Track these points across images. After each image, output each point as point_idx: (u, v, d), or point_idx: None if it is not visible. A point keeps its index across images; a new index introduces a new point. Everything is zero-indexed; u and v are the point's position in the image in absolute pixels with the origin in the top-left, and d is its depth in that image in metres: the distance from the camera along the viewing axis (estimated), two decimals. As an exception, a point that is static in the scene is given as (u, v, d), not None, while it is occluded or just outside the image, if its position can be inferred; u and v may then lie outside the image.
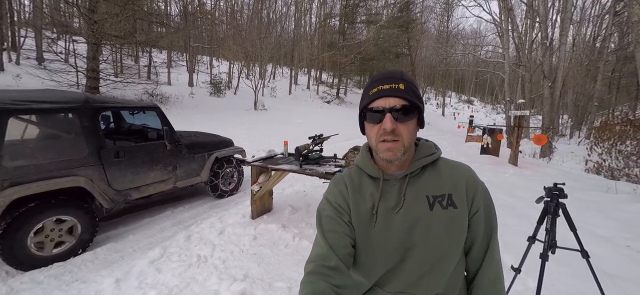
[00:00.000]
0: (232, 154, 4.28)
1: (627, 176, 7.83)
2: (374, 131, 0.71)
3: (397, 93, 0.68)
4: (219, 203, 3.97)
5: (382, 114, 0.68)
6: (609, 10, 15.86)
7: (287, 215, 3.46)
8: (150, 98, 11.99)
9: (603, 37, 17.63)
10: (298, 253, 2.66)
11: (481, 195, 0.73)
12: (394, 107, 0.67)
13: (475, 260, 0.75)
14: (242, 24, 21.03)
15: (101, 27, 9.08)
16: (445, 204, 0.70)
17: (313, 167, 2.94)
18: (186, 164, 3.61)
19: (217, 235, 2.92)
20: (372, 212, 0.74)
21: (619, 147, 10.11)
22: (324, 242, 0.71)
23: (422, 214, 0.70)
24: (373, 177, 0.77)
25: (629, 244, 3.09)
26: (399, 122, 0.68)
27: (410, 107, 0.68)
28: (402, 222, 0.71)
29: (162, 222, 3.31)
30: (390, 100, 0.68)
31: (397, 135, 0.68)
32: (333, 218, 0.75)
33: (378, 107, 0.69)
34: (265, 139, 9.00)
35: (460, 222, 0.70)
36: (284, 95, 19.63)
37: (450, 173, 0.74)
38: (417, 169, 0.74)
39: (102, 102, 3.00)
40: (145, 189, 3.20)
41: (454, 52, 28.76)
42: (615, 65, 18.18)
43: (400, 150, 0.69)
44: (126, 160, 3.00)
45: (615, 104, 18.95)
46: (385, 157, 0.70)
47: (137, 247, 2.76)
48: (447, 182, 0.73)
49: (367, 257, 0.74)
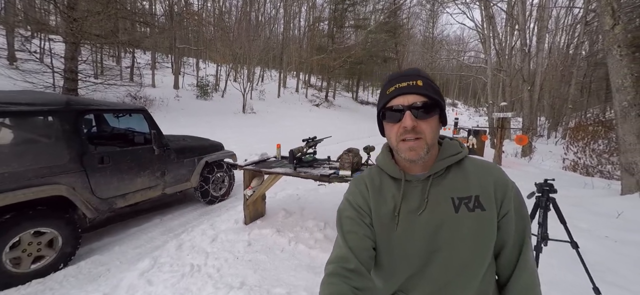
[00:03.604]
0: (223, 158, 4.17)
1: (600, 173, 8.25)
2: (393, 130, 0.69)
3: (416, 90, 0.66)
4: (210, 209, 3.85)
5: (402, 112, 0.66)
6: (581, 20, 16.75)
7: (281, 219, 3.39)
8: (133, 100, 11.57)
9: (575, 45, 18.64)
10: (294, 258, 2.61)
11: (512, 196, 0.69)
12: (414, 104, 0.65)
13: (507, 265, 0.70)
14: (230, 25, 20.76)
15: (81, 25, 8.68)
16: (472, 206, 0.67)
17: (307, 169, 2.90)
18: (175, 169, 3.48)
19: (210, 242, 2.82)
20: (394, 214, 0.71)
21: (592, 146, 10.68)
22: (344, 244, 0.69)
23: (447, 216, 0.67)
24: (394, 178, 0.75)
25: (607, 235, 3.23)
26: (420, 120, 0.65)
27: (430, 103, 0.66)
28: (426, 224, 0.68)
29: (150, 231, 3.17)
30: (409, 97, 0.66)
31: (419, 133, 0.66)
32: (353, 219, 0.73)
33: (397, 106, 0.67)
34: (254, 142, 8.86)
35: (489, 225, 0.66)
36: (273, 98, 19.47)
37: (478, 173, 0.70)
38: (441, 169, 0.71)
39: (85, 104, 2.85)
40: (131, 197, 3.05)
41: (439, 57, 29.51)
42: (587, 70, 19.23)
43: (423, 148, 0.66)
44: (111, 166, 2.85)
45: (587, 106, 20.03)
46: (407, 157, 0.67)
47: (125, 259, 2.62)
48: (474, 183, 0.69)
49: (389, 261, 0.71)
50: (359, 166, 2.89)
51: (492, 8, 14.73)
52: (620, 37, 4.20)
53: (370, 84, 32.72)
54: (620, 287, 2.24)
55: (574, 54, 18.80)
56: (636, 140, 4.17)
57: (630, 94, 4.18)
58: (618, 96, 4.29)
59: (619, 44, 4.19)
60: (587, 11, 15.21)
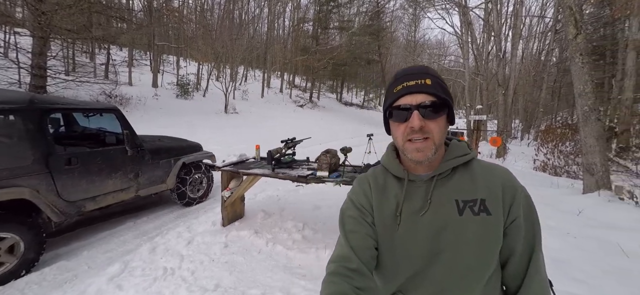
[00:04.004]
0: (201, 159, 4.09)
1: (567, 173, 8.76)
2: (400, 130, 0.67)
3: (424, 89, 0.64)
4: (186, 211, 3.77)
5: (409, 111, 0.64)
6: (551, 28, 17.74)
7: (260, 220, 3.38)
8: (108, 99, 11.09)
9: (546, 52, 19.73)
10: (271, 258, 2.61)
11: (521, 201, 0.65)
12: (422, 103, 0.63)
13: (515, 275, 0.66)
14: (212, 23, 20.33)
15: (50, 19, 8.22)
16: (477, 209, 0.64)
17: (286, 170, 2.91)
18: (150, 170, 3.38)
19: (186, 245, 2.76)
20: (396, 214, 0.70)
21: (560, 148, 11.34)
22: (345, 243, 0.69)
23: (451, 219, 0.65)
24: (398, 178, 0.74)
25: (569, 232, 3.45)
26: (428, 120, 0.64)
27: (439, 103, 0.64)
28: (428, 226, 0.66)
29: (122, 235, 3.06)
30: (417, 96, 0.64)
31: (427, 133, 0.64)
32: (356, 219, 0.72)
33: (405, 105, 0.64)
34: (236, 143, 8.74)
35: (494, 230, 0.63)
36: (257, 98, 19.25)
37: (485, 176, 0.68)
38: (446, 170, 0.69)
39: (51, 103, 2.72)
40: (102, 199, 2.93)
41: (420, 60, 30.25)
42: (557, 76, 20.37)
43: (431, 149, 0.64)
44: (80, 168, 2.73)
45: (557, 110, 21.23)
46: (414, 157, 0.66)
47: (94, 264, 2.52)
48: (481, 186, 0.66)
49: (391, 261, 0.70)
50: (336, 167, 2.93)
51: (470, 14, 15.30)
52: (582, 45, 4.43)
53: (354, 86, 33.06)
54: (578, 281, 2.40)
55: (545, 61, 19.91)
56: (596, 142, 4.40)
57: (590, 99, 4.42)
58: (580, 101, 4.51)
59: (581, 52, 4.42)
60: (557, 20, 16.13)
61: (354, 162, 3.17)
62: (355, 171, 2.90)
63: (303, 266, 2.49)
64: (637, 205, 3.73)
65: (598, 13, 14.06)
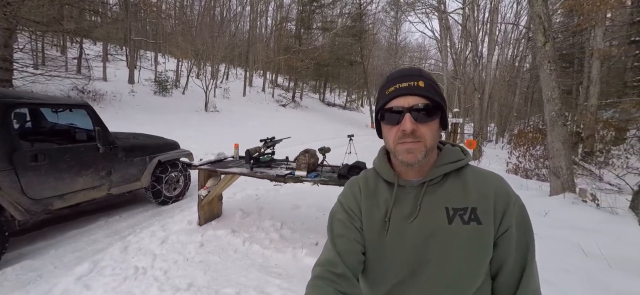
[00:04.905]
0: (178, 158, 4.02)
1: (537, 176, 9.24)
2: (392, 133, 0.65)
3: (417, 91, 0.62)
4: (162, 210, 3.69)
5: (401, 114, 0.63)
6: (525, 36, 18.68)
7: (238, 220, 3.37)
8: (80, 95, 10.58)
9: (520, 58, 20.71)
10: (248, 258, 2.62)
11: (513, 211, 0.63)
12: (414, 106, 0.62)
13: (506, 288, 0.63)
14: (192, 20, 19.84)
15: (16, 10, 7.75)
16: (467, 218, 0.62)
17: (264, 170, 2.93)
18: (123, 168, 3.30)
19: (159, 244, 2.72)
20: (385, 220, 0.68)
21: (531, 152, 11.96)
22: (332, 248, 0.68)
23: (439, 226, 0.63)
24: (388, 182, 0.72)
25: (536, 232, 3.68)
26: (420, 123, 0.62)
27: (432, 106, 0.63)
28: (417, 233, 0.65)
29: (93, 234, 2.96)
30: (409, 99, 0.63)
31: (419, 137, 0.62)
32: (344, 223, 0.71)
33: (397, 107, 0.63)
34: (216, 142, 8.60)
35: (484, 240, 0.61)
36: (238, 97, 18.98)
37: (478, 183, 0.65)
38: (437, 176, 0.67)
39: (15, 97, 2.60)
40: (71, 197, 2.83)
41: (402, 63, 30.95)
42: (530, 82, 21.44)
43: (422, 151, 0.63)
44: (47, 165, 2.63)
45: (529, 114, 22.34)
46: (404, 159, 0.64)
47: (61, 263, 2.43)
48: (473, 194, 0.64)
49: (378, 267, 0.69)
50: (315, 167, 2.98)
51: (449, 19, 15.85)
52: (550, 53, 4.63)
53: (337, 87, 33.31)
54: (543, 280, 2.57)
55: (519, 67, 20.90)
56: (562, 146, 4.59)
57: (557, 104, 4.62)
58: (548, 106, 4.70)
59: (549, 59, 4.61)
60: (529, 28, 17.03)
61: (334, 163, 3.24)
62: (333, 171, 2.97)
63: (279, 265, 2.52)
64: (598, 208, 3.89)
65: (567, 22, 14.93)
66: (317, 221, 3.52)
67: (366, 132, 18.06)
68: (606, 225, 3.38)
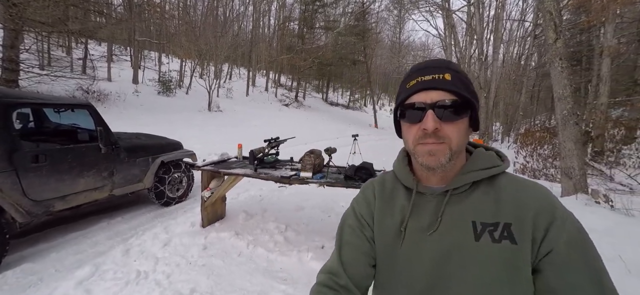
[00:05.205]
0: (181, 158, 3.97)
1: (545, 176, 9.07)
2: (411, 132, 0.58)
3: (442, 85, 0.55)
4: (164, 211, 3.64)
5: (423, 111, 0.55)
6: (531, 34, 18.43)
7: (242, 221, 3.31)
8: (85, 95, 10.63)
9: (526, 56, 20.46)
10: (252, 261, 2.56)
11: (560, 230, 0.51)
12: (439, 102, 0.54)
13: None
14: (195, 20, 19.88)
15: (22, 11, 7.78)
16: (498, 235, 0.52)
17: (268, 171, 2.86)
18: (125, 169, 3.25)
19: (162, 247, 2.67)
20: (400, 229, 0.61)
21: (539, 151, 11.77)
22: (337, 257, 0.65)
23: (463, 243, 0.54)
24: (408, 188, 0.65)
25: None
26: (445, 122, 0.55)
27: (460, 103, 0.55)
28: (436, 247, 0.57)
29: (95, 236, 2.91)
30: (433, 94, 0.55)
31: (442, 138, 0.55)
32: (354, 230, 0.67)
33: (418, 103, 0.56)
34: (220, 142, 8.57)
35: (517, 262, 0.51)
36: (241, 96, 18.97)
37: (515, 195, 0.55)
38: (463, 184, 0.58)
39: (16, 97, 2.57)
40: (73, 199, 2.79)
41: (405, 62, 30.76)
42: (536, 80, 21.17)
43: (445, 154, 0.55)
44: (48, 166, 2.58)
45: (536, 113, 22.06)
46: (425, 162, 0.56)
47: (62, 267, 2.38)
48: (508, 207, 0.54)
49: (389, 281, 0.63)
50: (320, 168, 2.91)
51: (453, 17, 15.68)
52: (562, 50, 4.50)
53: (340, 86, 33.21)
54: None
55: (525, 65, 20.67)
56: (574, 146, 4.45)
57: (569, 103, 4.48)
58: (559, 105, 4.57)
59: (561, 56, 4.48)
60: (536, 25, 16.79)
61: (338, 163, 3.16)
62: (339, 172, 2.90)
63: (284, 269, 2.45)
64: (613, 210, 3.75)
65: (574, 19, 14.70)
66: (322, 223, 3.45)
67: (370, 132, 17.96)
68: (622, 227, 3.25)
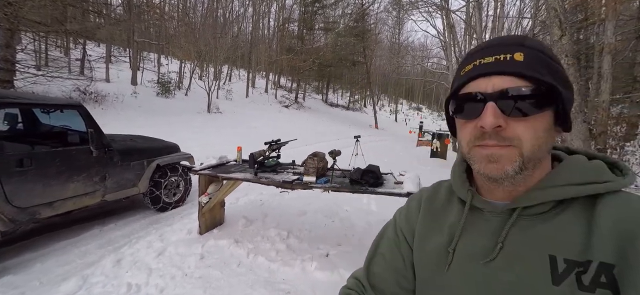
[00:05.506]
0: (178, 161, 3.80)
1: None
2: (466, 130, 0.44)
3: (509, 68, 0.40)
4: (160, 217, 3.47)
5: (483, 103, 0.41)
6: (529, 33, 18.39)
7: (241, 228, 3.15)
8: (82, 96, 10.47)
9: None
10: (252, 272, 2.39)
11: None
12: (504, 91, 0.39)
13: None
14: (195, 21, 19.77)
15: (17, 10, 7.63)
16: (589, 280, 0.35)
17: (269, 175, 2.71)
18: (119, 173, 3.08)
19: (156, 256, 2.50)
20: (448, 250, 0.48)
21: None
22: (366, 266, 0.60)
23: (534, 284, 0.39)
24: (463, 201, 0.51)
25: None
26: (512, 117, 0.40)
27: (537, 92, 0.39)
28: (492, 282, 0.42)
29: (85, 244, 2.74)
30: (495, 80, 0.40)
31: (508, 139, 0.40)
32: (390, 244, 0.59)
33: (475, 93, 0.42)
34: (219, 144, 8.41)
35: None
36: (241, 98, 18.84)
37: (627, 224, 0.36)
38: (541, 202, 0.41)
39: (0, 97, 2.40)
40: (61, 205, 2.62)
41: (404, 62, 30.68)
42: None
43: (513, 161, 0.40)
44: (34, 170, 2.42)
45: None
46: (484, 171, 0.42)
47: (47, 279, 2.21)
48: (612, 241, 0.36)
49: None
50: (324, 172, 2.75)
51: (453, 17, 15.58)
52: (568, 47, 4.46)
53: (340, 87, 33.14)
54: None
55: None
56: (582, 144, 4.39)
57: (577, 101, 4.45)
58: None
59: (567, 53, 4.44)
60: (535, 24, 16.72)
61: (341, 165, 3.00)
62: (344, 176, 2.74)
63: (287, 281, 2.29)
64: None
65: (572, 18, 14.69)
66: (326, 229, 3.29)
67: (371, 133, 17.82)
68: None
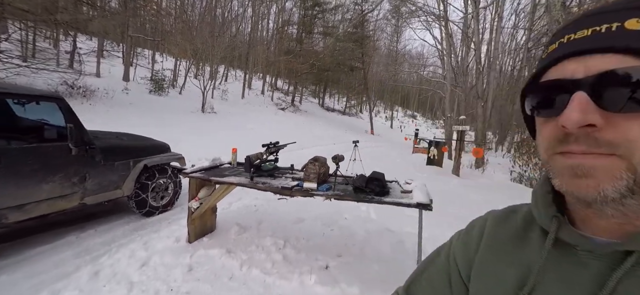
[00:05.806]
0: (168, 162, 3.55)
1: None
2: (545, 132, 0.33)
3: (618, 41, 0.27)
4: (146, 222, 3.20)
5: (568, 93, 0.29)
6: (523, 47, 18.72)
7: (234, 236, 2.92)
8: (69, 90, 10.06)
9: (519, 68, 20.92)
10: (246, 287, 2.16)
11: None
12: (605, 74, 0.27)
13: None
14: (192, 19, 19.46)
15: (1, -2, 7.27)
16: None
17: (266, 180, 2.49)
18: (101, 173, 2.82)
19: (139, 268, 2.25)
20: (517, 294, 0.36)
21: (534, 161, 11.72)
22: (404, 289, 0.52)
23: None
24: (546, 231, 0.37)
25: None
26: (617, 113, 0.27)
27: None
28: None
29: (60, 253, 2.46)
30: (592, 61, 0.28)
31: (608, 144, 0.27)
32: (440, 271, 0.49)
33: (560, 80, 0.30)
34: (213, 145, 8.13)
35: None
36: (237, 99, 18.54)
37: None
38: None
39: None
40: (33, 208, 2.35)
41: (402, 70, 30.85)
42: (530, 92, 21.54)
43: (616, 177, 0.27)
44: (3, 168, 2.16)
45: (527, 123, 22.54)
46: (568, 189, 0.30)
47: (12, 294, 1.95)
48: None
49: None
50: (326, 178, 2.55)
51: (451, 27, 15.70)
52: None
53: (337, 92, 33.12)
54: None
55: (518, 76, 21.01)
56: None
57: None
58: None
59: None
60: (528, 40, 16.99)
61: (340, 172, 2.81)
62: (346, 183, 2.55)
63: (284, 296, 2.08)
64: None
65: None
66: (325, 238, 3.09)
67: (367, 138, 17.73)
68: None
